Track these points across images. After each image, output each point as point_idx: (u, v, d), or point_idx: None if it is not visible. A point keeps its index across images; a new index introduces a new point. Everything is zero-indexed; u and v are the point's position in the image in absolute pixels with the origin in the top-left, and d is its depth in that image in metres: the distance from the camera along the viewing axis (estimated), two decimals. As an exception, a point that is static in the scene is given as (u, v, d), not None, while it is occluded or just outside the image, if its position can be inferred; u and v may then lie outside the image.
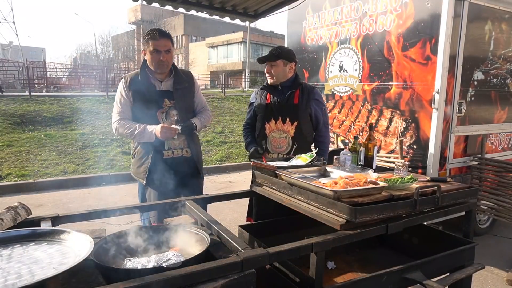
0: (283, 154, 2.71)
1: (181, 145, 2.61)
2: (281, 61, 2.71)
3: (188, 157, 2.65)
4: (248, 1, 4.22)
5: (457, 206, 2.09)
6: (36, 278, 1.10)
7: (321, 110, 2.77)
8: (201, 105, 2.81)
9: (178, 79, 2.64)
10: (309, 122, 2.75)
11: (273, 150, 2.79)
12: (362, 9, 3.98)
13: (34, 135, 8.68)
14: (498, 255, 3.77)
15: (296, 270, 1.71)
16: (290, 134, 2.70)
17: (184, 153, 2.63)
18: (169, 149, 2.58)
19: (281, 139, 2.72)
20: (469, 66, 3.55)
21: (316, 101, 2.75)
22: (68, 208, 5.04)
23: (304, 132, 2.72)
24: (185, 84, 2.67)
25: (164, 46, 2.50)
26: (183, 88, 2.65)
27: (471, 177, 3.79)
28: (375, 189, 1.81)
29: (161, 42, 2.48)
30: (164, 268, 1.32)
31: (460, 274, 1.99)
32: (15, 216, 1.63)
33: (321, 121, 2.77)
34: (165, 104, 2.57)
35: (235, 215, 5.05)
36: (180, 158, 2.61)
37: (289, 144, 2.71)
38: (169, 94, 2.59)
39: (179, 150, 2.61)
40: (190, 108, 2.72)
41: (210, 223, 1.78)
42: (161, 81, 2.61)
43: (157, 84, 2.59)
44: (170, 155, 2.59)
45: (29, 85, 14.18)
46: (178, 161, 2.60)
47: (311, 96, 2.73)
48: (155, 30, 2.54)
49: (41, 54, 62.75)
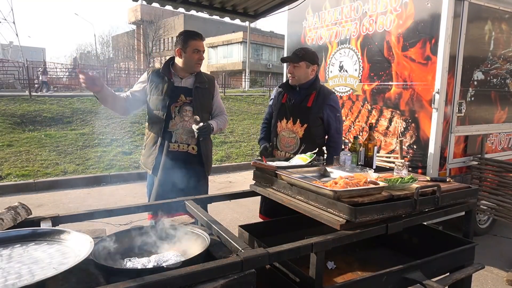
0: (290, 154, 2.72)
1: (188, 141, 2.66)
2: (304, 63, 2.71)
3: (193, 154, 2.68)
4: (248, 1, 4.22)
5: (457, 206, 2.09)
6: (36, 278, 1.10)
7: (335, 116, 2.74)
8: (219, 109, 2.90)
9: (199, 79, 2.75)
10: (320, 126, 2.73)
11: (282, 149, 2.81)
12: (362, 9, 3.98)
13: (34, 135, 8.69)
14: (498, 255, 3.77)
15: (296, 270, 1.71)
16: (298, 135, 2.71)
17: (189, 149, 2.67)
18: (176, 142, 2.64)
19: (290, 138, 2.75)
20: (469, 66, 3.55)
21: (330, 106, 2.73)
22: (68, 208, 5.04)
23: (313, 135, 2.71)
24: (205, 85, 2.77)
25: (203, 47, 2.74)
26: (203, 88, 2.75)
27: (471, 177, 3.79)
28: (375, 189, 1.81)
29: (201, 43, 2.71)
30: (164, 268, 1.32)
31: (460, 274, 1.99)
32: (15, 216, 1.63)
33: (332, 127, 2.75)
34: (180, 99, 2.65)
35: (235, 215, 5.05)
36: (185, 154, 2.65)
37: (297, 145, 2.72)
38: (187, 91, 2.68)
39: (185, 145, 2.66)
40: (205, 109, 2.78)
41: (210, 223, 1.78)
42: (181, 78, 2.72)
43: (176, 80, 2.71)
44: (175, 148, 2.64)
45: (29, 85, 14.19)
46: (182, 156, 2.64)
47: (325, 101, 2.72)
48: (193, 32, 2.73)
49: (41, 54, 62.74)
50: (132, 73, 28.10)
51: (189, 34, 2.69)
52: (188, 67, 2.70)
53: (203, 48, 2.75)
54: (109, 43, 48.79)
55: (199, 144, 2.67)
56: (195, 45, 2.65)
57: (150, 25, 40.31)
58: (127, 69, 31.81)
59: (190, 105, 2.65)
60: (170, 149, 2.62)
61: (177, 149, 2.63)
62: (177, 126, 2.63)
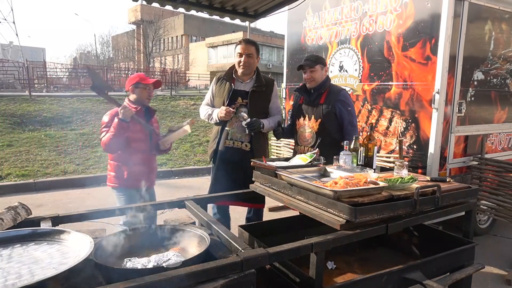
0: (308, 147, 2.95)
1: (242, 138, 2.99)
2: (319, 66, 2.96)
3: (246, 150, 2.99)
4: (248, 1, 4.22)
5: (457, 206, 2.09)
6: (36, 278, 1.10)
7: (346, 110, 2.94)
8: (276, 110, 3.19)
9: (258, 82, 3.05)
10: (334, 121, 2.94)
11: (301, 143, 3.05)
12: (362, 9, 3.98)
13: (34, 135, 8.68)
14: (498, 255, 3.76)
15: (296, 270, 1.71)
16: (314, 130, 2.95)
17: (243, 146, 3.00)
18: (231, 139, 3.00)
19: (307, 133, 3.00)
20: (469, 66, 3.54)
21: (341, 101, 2.93)
22: (68, 208, 5.03)
23: (328, 129, 2.92)
24: (263, 88, 3.05)
25: (246, 50, 2.96)
26: (260, 91, 3.03)
27: (471, 177, 3.79)
28: (375, 189, 1.81)
29: (243, 46, 2.97)
30: (164, 268, 1.32)
31: (460, 274, 1.99)
32: (15, 216, 1.63)
33: (346, 120, 2.94)
34: (238, 101, 3.00)
35: (235, 215, 5.03)
36: (238, 150, 2.99)
37: (313, 138, 2.94)
38: (244, 94, 3.01)
39: (239, 142, 2.99)
40: (261, 110, 3.06)
41: (210, 223, 1.78)
42: (241, 82, 3.06)
43: (237, 84, 3.07)
44: (230, 144, 3.00)
45: (29, 85, 14.19)
46: (236, 152, 2.98)
47: (336, 97, 2.94)
48: (243, 38, 3.07)
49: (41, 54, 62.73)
50: (132, 73, 28.03)
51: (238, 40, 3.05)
52: (237, 68, 3.04)
53: (246, 51, 2.96)
54: (109, 43, 48.75)
55: (252, 141, 2.98)
56: (238, 49, 3.00)
57: (150, 25, 40.27)
58: (127, 69, 31.78)
59: (245, 106, 2.98)
60: (226, 145, 2.99)
61: (231, 146, 2.99)
62: (233, 125, 2.98)
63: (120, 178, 2.68)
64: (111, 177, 2.74)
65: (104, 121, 2.66)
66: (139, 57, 43.85)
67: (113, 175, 2.72)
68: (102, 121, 2.69)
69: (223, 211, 3.17)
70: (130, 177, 2.65)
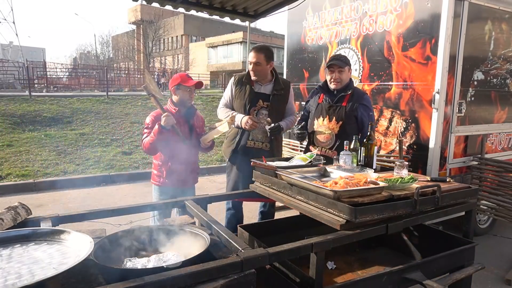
0: (326, 149, 2.96)
1: (262, 139, 3.14)
2: (348, 67, 2.96)
3: (266, 150, 3.13)
4: (248, 1, 4.23)
5: (457, 206, 2.09)
6: (36, 278, 1.10)
7: (368, 114, 2.95)
8: (291, 110, 3.30)
9: (277, 86, 3.16)
10: (354, 124, 2.93)
11: (318, 144, 3.02)
12: (362, 9, 3.98)
13: (34, 135, 8.68)
14: (498, 255, 3.76)
15: (296, 270, 1.71)
16: (334, 131, 2.93)
17: (263, 146, 3.15)
18: (252, 139, 3.15)
19: (326, 134, 2.98)
20: (469, 66, 3.54)
21: (364, 106, 2.94)
22: (68, 208, 5.03)
23: (348, 131, 2.89)
24: (282, 91, 3.17)
25: (254, 59, 3.06)
26: (279, 94, 3.16)
27: (471, 177, 3.79)
28: (375, 189, 1.81)
29: (252, 54, 3.08)
30: (164, 268, 1.32)
31: (460, 274, 1.99)
32: (15, 216, 1.64)
33: (366, 124, 2.92)
34: (259, 104, 3.12)
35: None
36: (260, 150, 3.12)
37: (332, 140, 2.95)
38: (265, 96, 3.14)
39: (260, 143, 3.15)
40: (281, 112, 3.20)
41: (210, 223, 1.78)
42: (261, 85, 3.16)
43: (257, 86, 3.16)
44: (252, 145, 3.15)
45: (29, 85, 14.18)
46: (257, 152, 3.08)
47: (359, 101, 2.93)
48: (254, 46, 3.14)
49: (41, 54, 62.71)
50: (132, 73, 28.07)
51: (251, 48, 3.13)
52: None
53: (253, 59, 3.05)
54: (109, 43, 48.70)
55: (272, 141, 3.14)
56: (248, 57, 3.10)
57: (150, 25, 40.24)
58: (127, 69, 31.77)
59: (266, 109, 3.12)
60: (247, 145, 3.13)
61: (253, 146, 3.14)
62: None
63: (162, 177, 2.79)
64: (154, 175, 2.86)
65: (147, 122, 2.75)
66: (139, 57, 43.82)
67: (156, 173, 2.84)
68: (145, 121, 2.78)
69: (237, 207, 3.31)
70: (172, 176, 2.75)
